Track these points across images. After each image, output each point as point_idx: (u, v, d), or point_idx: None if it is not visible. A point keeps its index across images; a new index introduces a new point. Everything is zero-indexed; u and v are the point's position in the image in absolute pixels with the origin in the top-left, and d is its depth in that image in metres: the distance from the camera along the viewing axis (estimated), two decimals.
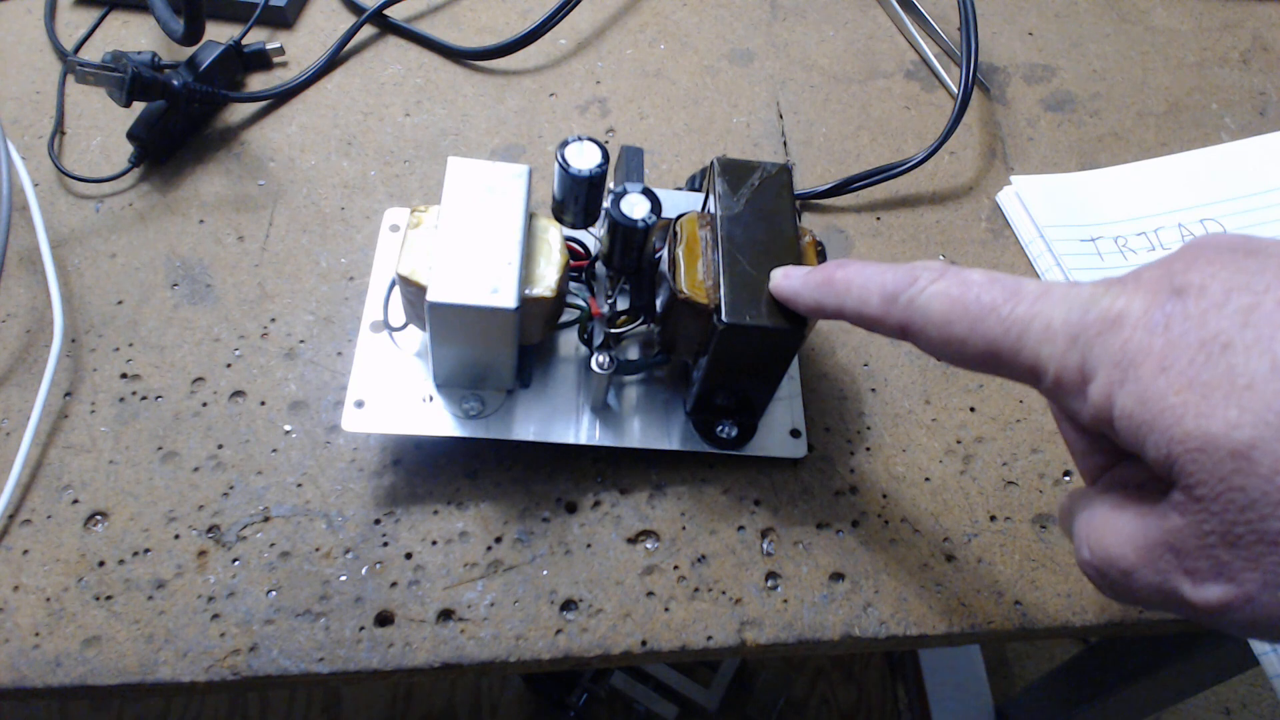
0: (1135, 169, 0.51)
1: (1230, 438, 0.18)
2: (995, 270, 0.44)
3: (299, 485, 0.38)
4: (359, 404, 0.37)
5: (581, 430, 0.37)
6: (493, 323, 0.33)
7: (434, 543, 0.37)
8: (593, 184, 0.35)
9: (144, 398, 0.40)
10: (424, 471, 0.38)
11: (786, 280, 0.31)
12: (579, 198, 0.36)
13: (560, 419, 0.38)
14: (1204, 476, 0.19)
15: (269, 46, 0.52)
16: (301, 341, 0.42)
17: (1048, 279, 0.46)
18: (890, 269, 0.27)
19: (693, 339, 0.35)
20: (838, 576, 0.37)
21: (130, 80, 0.43)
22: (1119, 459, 0.25)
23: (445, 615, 0.35)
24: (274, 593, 0.35)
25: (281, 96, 0.51)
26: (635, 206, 0.35)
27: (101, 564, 0.35)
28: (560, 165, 0.35)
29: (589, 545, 0.37)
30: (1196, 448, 0.19)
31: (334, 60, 0.53)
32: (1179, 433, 0.19)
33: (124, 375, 0.40)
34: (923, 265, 0.26)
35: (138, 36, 0.54)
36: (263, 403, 0.40)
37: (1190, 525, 0.20)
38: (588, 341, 0.38)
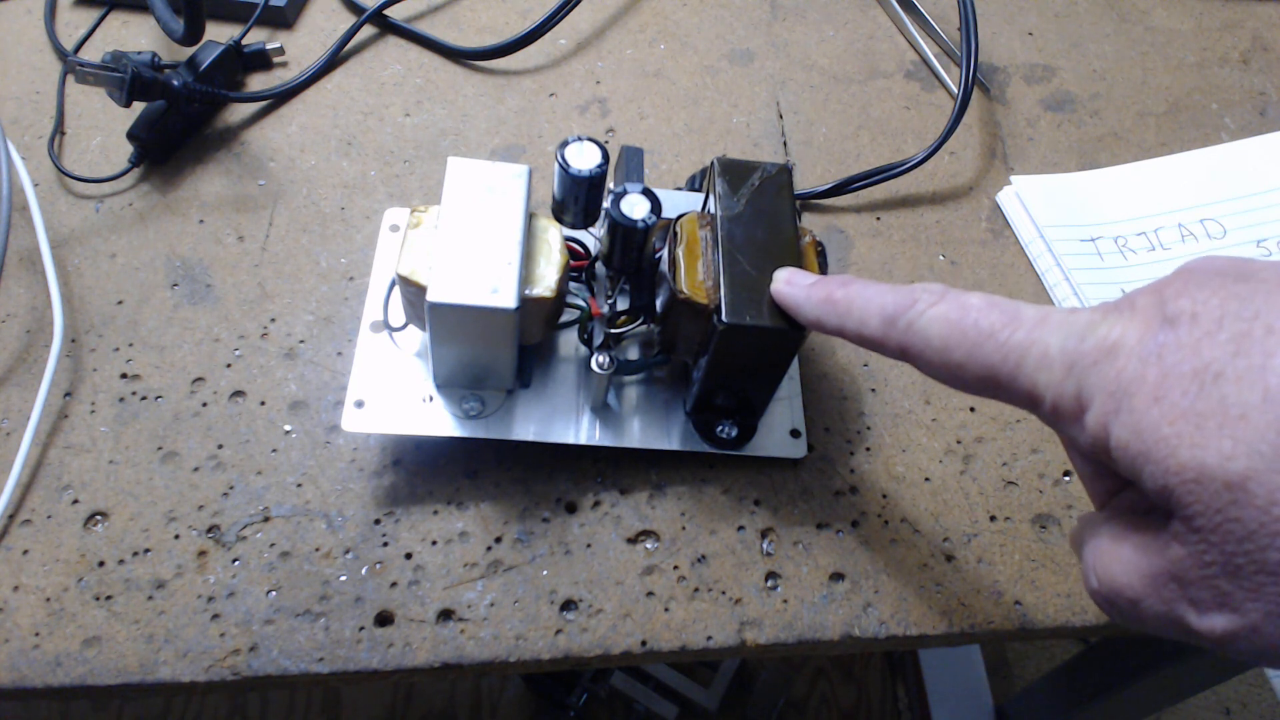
0: (1135, 169, 0.51)
1: (1225, 469, 0.18)
2: (998, 268, 0.44)
3: (299, 485, 0.38)
4: (359, 404, 0.37)
5: (581, 430, 0.37)
6: (493, 323, 0.33)
7: (434, 543, 0.37)
8: (593, 184, 0.35)
9: (144, 398, 0.40)
10: (424, 471, 0.38)
11: (789, 288, 0.31)
12: (579, 198, 0.36)
13: (560, 419, 0.38)
14: (1201, 508, 0.19)
15: (269, 46, 0.52)
16: (301, 341, 0.42)
17: (1049, 280, 0.46)
18: (891, 291, 0.27)
19: (693, 339, 0.35)
20: (838, 576, 0.37)
21: (130, 80, 0.43)
22: (1126, 483, 0.25)
23: (445, 615, 0.35)
24: (274, 593, 0.35)
25: (281, 96, 0.51)
26: (635, 206, 0.35)
27: (101, 564, 0.35)
28: (560, 165, 0.35)
29: (589, 545, 0.37)
30: (1192, 479, 0.19)
31: (334, 60, 0.53)
32: (1174, 464, 0.19)
33: (124, 375, 0.40)
34: (923, 288, 0.26)
35: (138, 36, 0.54)
36: (263, 403, 0.40)
37: (1191, 556, 0.20)
38: (588, 341, 0.38)
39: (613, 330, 0.38)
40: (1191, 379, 0.19)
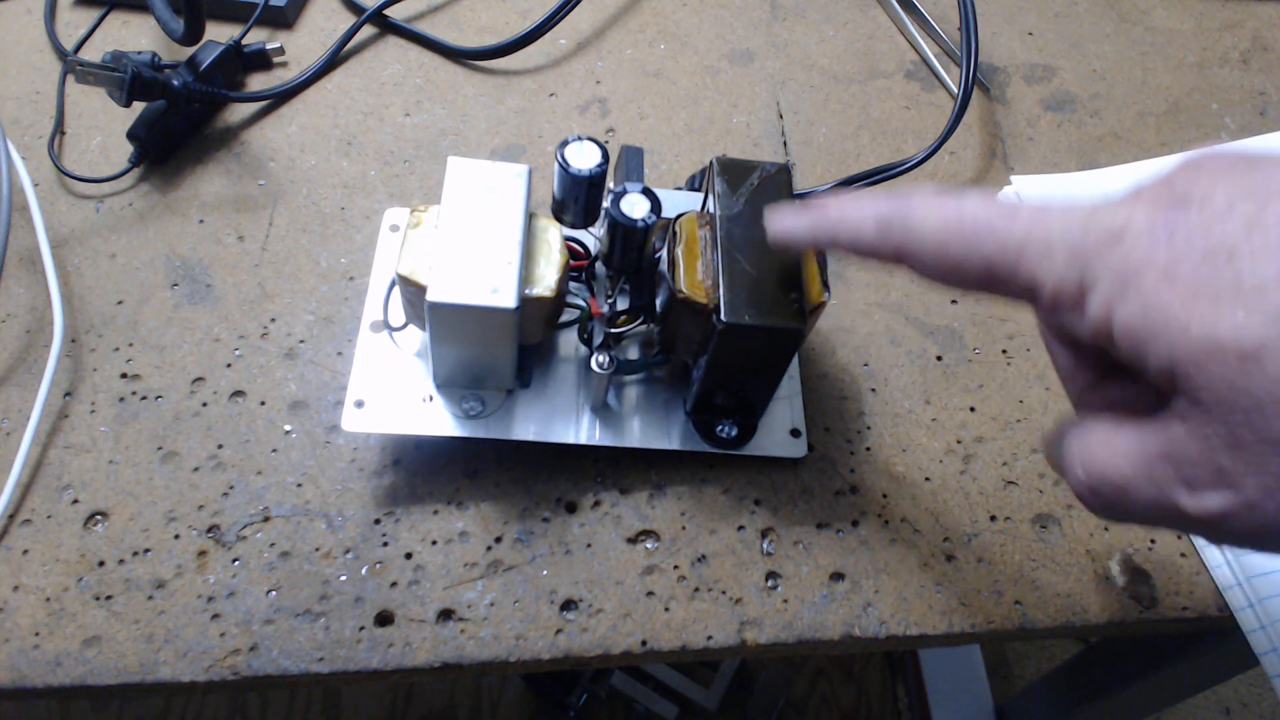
0: (1135, 169, 0.51)
1: (1238, 340, 0.18)
2: None
3: (299, 485, 0.38)
4: (359, 404, 0.37)
5: (581, 430, 0.37)
6: (493, 323, 0.33)
7: (434, 543, 0.37)
8: (593, 184, 0.35)
9: (144, 398, 0.40)
10: (424, 471, 0.38)
11: (780, 221, 0.30)
12: (579, 198, 0.36)
13: (560, 419, 0.38)
14: (1209, 381, 0.19)
15: (269, 46, 0.52)
16: (301, 341, 0.42)
17: None
18: (885, 195, 0.26)
19: (692, 339, 0.35)
20: (838, 576, 0.37)
21: (130, 80, 0.43)
22: (1105, 376, 0.25)
23: (445, 615, 0.35)
24: (274, 593, 0.35)
25: (281, 96, 0.51)
26: (635, 206, 0.35)
27: (101, 564, 0.35)
28: (560, 165, 0.35)
29: (589, 545, 0.37)
30: (1202, 353, 0.19)
31: (334, 60, 0.53)
32: (1184, 340, 0.19)
33: (124, 375, 0.40)
34: (917, 187, 0.26)
35: (138, 36, 0.54)
36: (263, 403, 0.40)
37: (1192, 431, 0.20)
38: (588, 341, 0.38)
39: (613, 330, 0.38)
40: (1204, 258, 0.19)
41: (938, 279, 0.25)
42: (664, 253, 0.35)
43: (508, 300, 0.32)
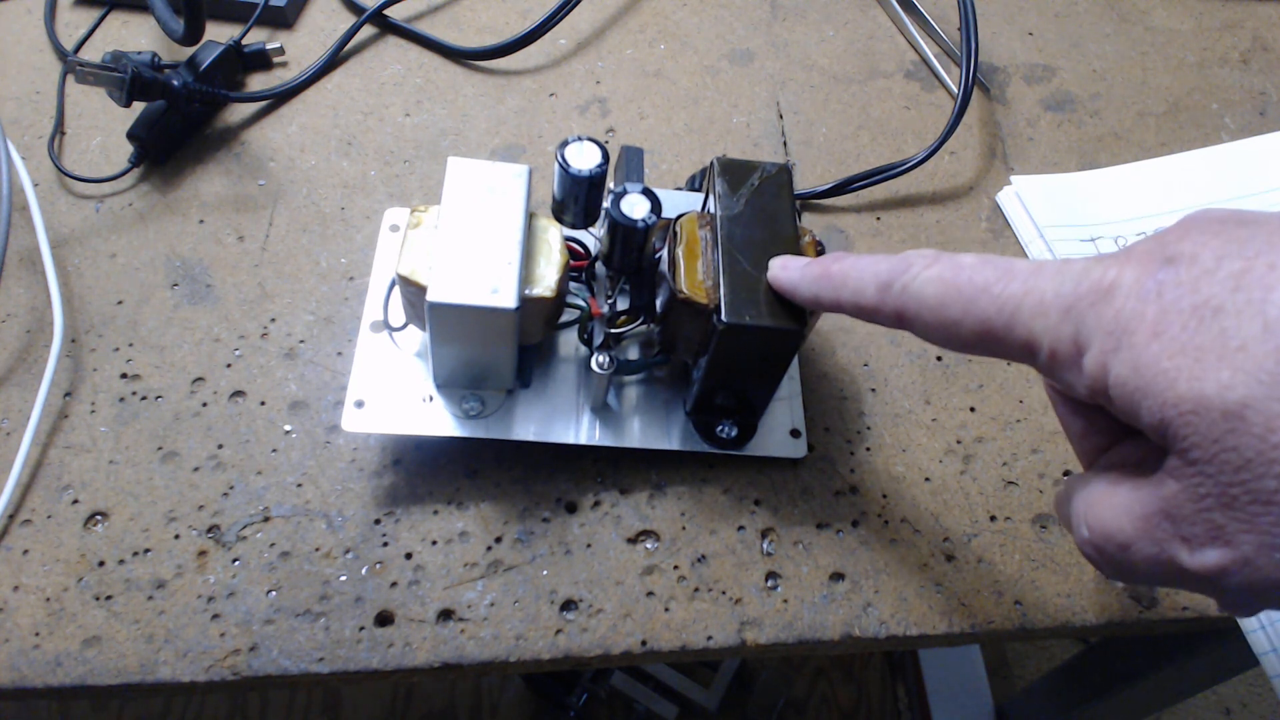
0: (1135, 169, 0.51)
1: (1223, 398, 0.19)
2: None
3: (299, 485, 0.38)
4: (359, 404, 0.37)
5: (581, 430, 0.37)
6: (493, 323, 0.33)
7: (434, 543, 0.37)
8: (593, 184, 0.35)
9: (144, 398, 0.40)
10: (424, 471, 0.38)
11: (785, 272, 0.31)
12: (579, 198, 0.36)
13: (560, 419, 0.38)
14: (1198, 439, 0.19)
15: (269, 46, 0.52)
16: (301, 341, 0.42)
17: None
18: (885, 259, 0.27)
19: (693, 339, 0.35)
20: (838, 576, 0.37)
21: (130, 80, 0.43)
22: (1116, 439, 0.25)
23: (445, 615, 0.35)
24: (274, 593, 0.35)
25: (281, 96, 0.51)
26: (635, 206, 0.35)
27: (101, 564, 0.35)
28: (560, 165, 0.35)
29: (589, 545, 0.37)
30: (1190, 410, 0.19)
31: (334, 60, 0.53)
32: (1172, 397, 0.19)
33: (124, 375, 0.40)
34: (916, 253, 0.26)
35: (138, 36, 0.54)
36: (263, 403, 0.40)
37: (1186, 490, 0.20)
38: (588, 341, 0.38)
39: (613, 330, 0.38)
40: (1191, 314, 0.20)
41: (938, 340, 0.26)
42: (664, 253, 0.35)
43: (508, 300, 0.32)
